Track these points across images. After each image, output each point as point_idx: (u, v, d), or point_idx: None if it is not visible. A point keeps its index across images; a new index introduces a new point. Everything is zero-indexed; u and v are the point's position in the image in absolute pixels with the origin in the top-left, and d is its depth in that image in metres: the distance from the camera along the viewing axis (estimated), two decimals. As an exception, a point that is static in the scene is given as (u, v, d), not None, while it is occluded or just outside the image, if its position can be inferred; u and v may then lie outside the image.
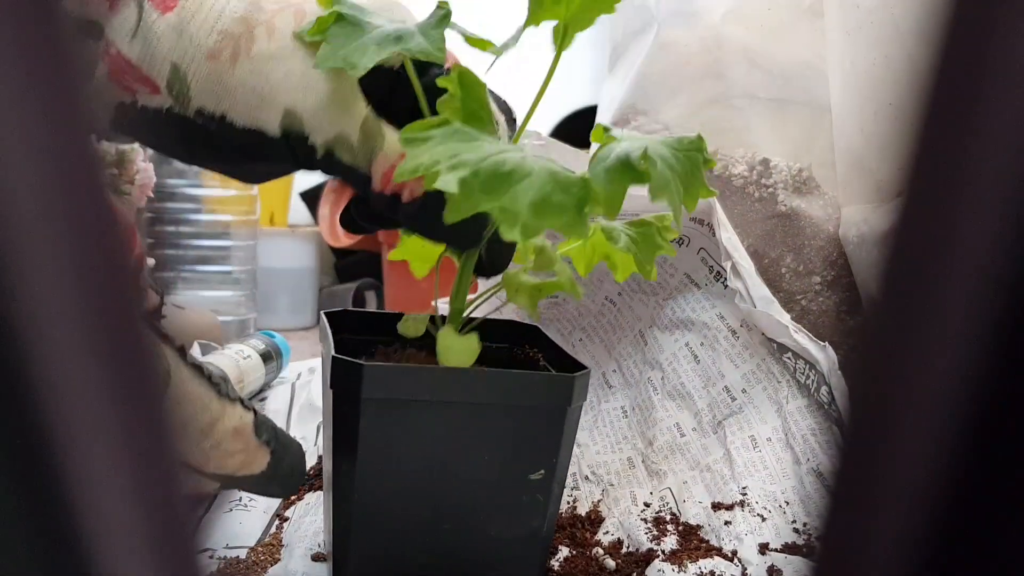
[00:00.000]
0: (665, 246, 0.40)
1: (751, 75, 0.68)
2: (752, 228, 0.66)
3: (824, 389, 0.50)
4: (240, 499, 0.50)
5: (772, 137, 0.70)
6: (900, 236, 0.13)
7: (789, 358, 0.53)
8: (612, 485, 0.56)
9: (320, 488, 0.52)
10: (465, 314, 0.41)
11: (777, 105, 0.68)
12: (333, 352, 0.37)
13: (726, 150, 0.70)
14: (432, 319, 0.41)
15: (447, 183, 0.27)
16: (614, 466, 0.58)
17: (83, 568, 0.14)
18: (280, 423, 0.63)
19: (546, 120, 1.28)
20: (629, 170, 0.32)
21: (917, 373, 0.13)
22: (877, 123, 0.58)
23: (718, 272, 0.59)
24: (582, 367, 0.39)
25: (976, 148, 0.12)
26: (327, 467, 0.41)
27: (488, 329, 0.47)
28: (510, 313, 0.68)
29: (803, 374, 0.52)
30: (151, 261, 0.82)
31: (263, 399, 0.67)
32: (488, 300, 0.44)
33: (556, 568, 0.45)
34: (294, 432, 0.61)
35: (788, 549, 0.46)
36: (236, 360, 0.69)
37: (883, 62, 0.57)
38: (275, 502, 0.51)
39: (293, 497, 0.51)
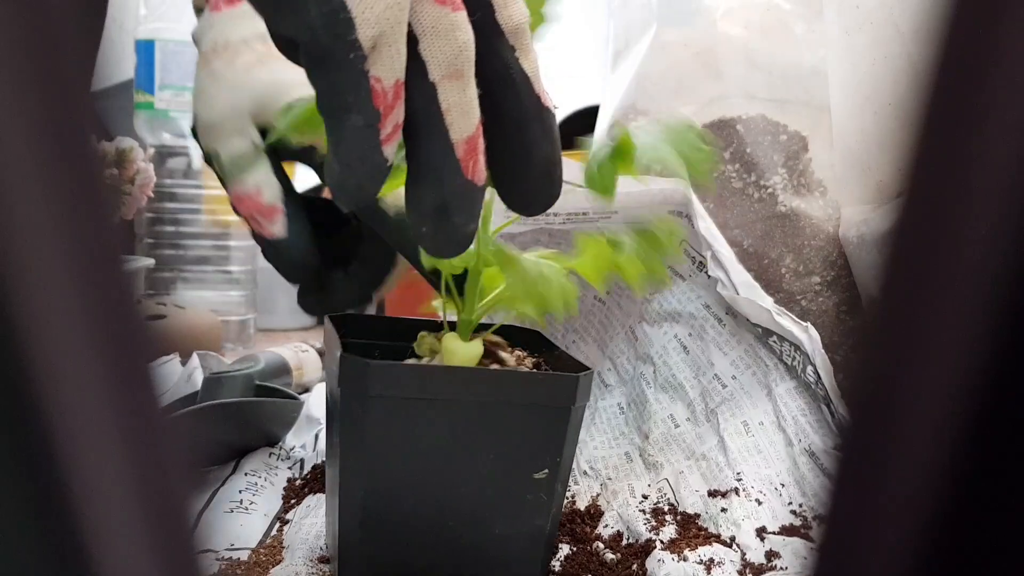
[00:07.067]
0: (672, 249, 0.40)
1: (751, 75, 0.68)
2: (752, 228, 0.66)
3: (810, 369, 0.50)
4: (240, 501, 0.50)
5: (772, 137, 0.69)
6: (900, 236, 0.13)
7: (775, 341, 0.53)
8: (610, 479, 0.56)
9: (320, 491, 0.52)
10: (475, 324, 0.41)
11: (777, 105, 0.68)
12: (341, 351, 0.37)
13: (726, 150, 0.70)
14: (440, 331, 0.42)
15: None
16: (612, 460, 0.58)
17: (83, 569, 0.14)
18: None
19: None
20: (619, 154, 0.35)
21: (917, 373, 0.13)
22: (877, 123, 0.58)
23: (700, 262, 0.59)
24: (585, 368, 0.39)
25: (976, 148, 0.12)
26: (332, 474, 0.41)
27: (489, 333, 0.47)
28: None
29: (789, 356, 0.53)
30: (151, 261, 0.82)
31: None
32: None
33: (557, 568, 0.45)
34: (293, 441, 0.61)
35: (786, 531, 0.47)
36: (295, 351, 0.75)
37: (883, 62, 0.57)
38: (276, 504, 0.51)
39: (293, 500, 0.52)
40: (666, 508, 0.51)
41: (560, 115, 0.38)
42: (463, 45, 0.29)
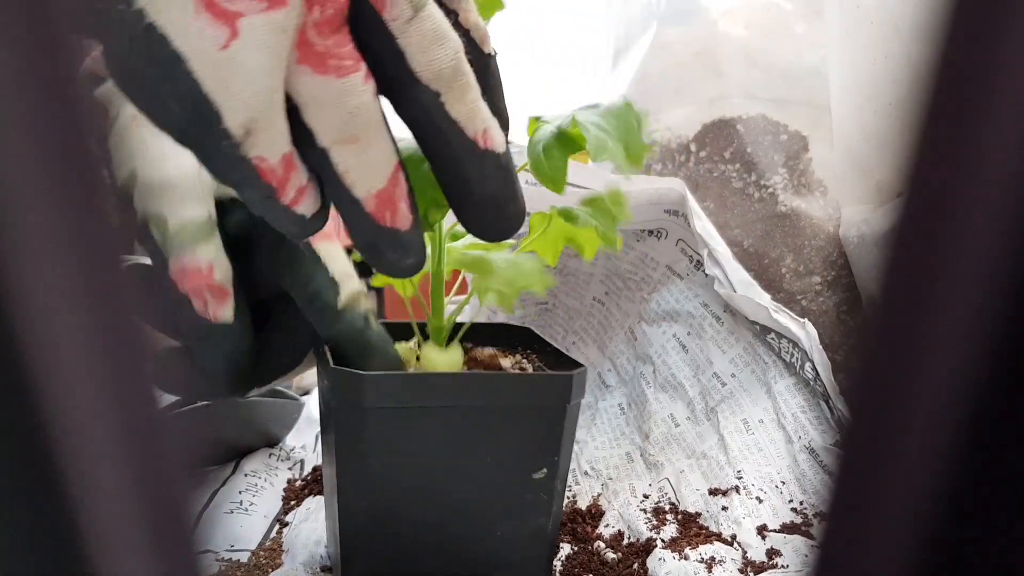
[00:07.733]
0: (620, 215, 0.40)
1: (751, 75, 0.68)
2: (752, 228, 0.66)
3: (808, 365, 0.51)
4: (240, 502, 0.50)
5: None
6: (900, 236, 0.13)
7: (773, 338, 0.53)
8: (611, 479, 0.56)
9: (320, 493, 0.52)
10: (448, 326, 0.41)
11: (777, 105, 0.68)
12: (332, 363, 0.37)
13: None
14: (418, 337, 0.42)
15: None
16: (613, 461, 0.58)
17: (82, 567, 0.14)
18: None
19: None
20: (565, 140, 0.35)
21: (917, 372, 0.13)
22: (877, 123, 0.58)
23: (698, 261, 0.59)
24: (578, 365, 0.39)
25: (976, 148, 0.12)
26: (330, 477, 0.41)
27: (480, 334, 0.47)
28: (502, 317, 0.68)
29: (788, 353, 0.53)
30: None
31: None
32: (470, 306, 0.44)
33: (559, 568, 0.45)
34: (293, 441, 0.61)
35: (786, 529, 0.47)
36: None
37: (883, 62, 0.57)
38: (276, 505, 0.51)
39: (293, 502, 0.51)
40: (667, 507, 0.51)
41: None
42: (354, 110, 0.28)
